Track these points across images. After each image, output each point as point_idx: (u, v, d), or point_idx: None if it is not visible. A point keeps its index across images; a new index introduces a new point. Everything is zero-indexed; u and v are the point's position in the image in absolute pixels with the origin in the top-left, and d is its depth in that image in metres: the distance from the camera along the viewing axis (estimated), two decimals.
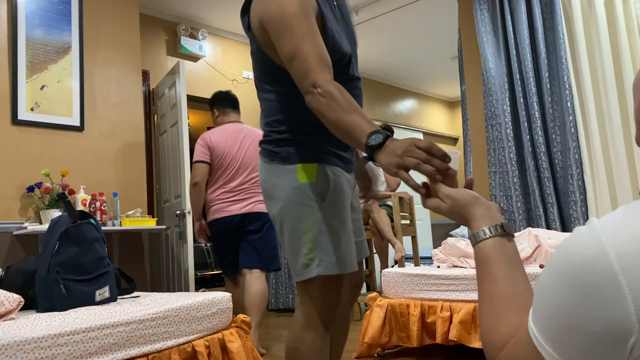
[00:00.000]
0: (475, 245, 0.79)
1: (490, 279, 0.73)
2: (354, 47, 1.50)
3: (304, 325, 1.39)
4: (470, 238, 0.82)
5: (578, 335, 0.49)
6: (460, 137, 8.14)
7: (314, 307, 1.39)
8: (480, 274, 0.76)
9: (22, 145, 3.45)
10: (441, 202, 0.89)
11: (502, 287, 0.71)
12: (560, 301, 0.50)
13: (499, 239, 0.77)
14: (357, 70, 1.49)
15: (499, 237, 0.77)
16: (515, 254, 0.77)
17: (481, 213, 0.82)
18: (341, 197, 1.41)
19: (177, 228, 4.29)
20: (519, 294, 0.69)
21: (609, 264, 0.47)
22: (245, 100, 5.62)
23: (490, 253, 0.76)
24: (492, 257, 0.75)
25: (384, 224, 4.28)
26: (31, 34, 3.54)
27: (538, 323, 0.54)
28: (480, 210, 0.83)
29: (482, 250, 0.77)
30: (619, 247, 0.48)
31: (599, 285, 0.47)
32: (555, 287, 0.51)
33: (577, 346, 0.49)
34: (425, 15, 5.31)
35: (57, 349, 1.52)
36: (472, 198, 0.86)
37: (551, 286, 0.52)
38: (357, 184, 1.62)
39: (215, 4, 4.90)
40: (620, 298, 0.46)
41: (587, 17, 3.65)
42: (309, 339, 1.38)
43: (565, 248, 0.52)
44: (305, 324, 1.39)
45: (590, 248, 0.49)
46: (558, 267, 0.52)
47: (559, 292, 0.51)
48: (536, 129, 3.75)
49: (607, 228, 0.50)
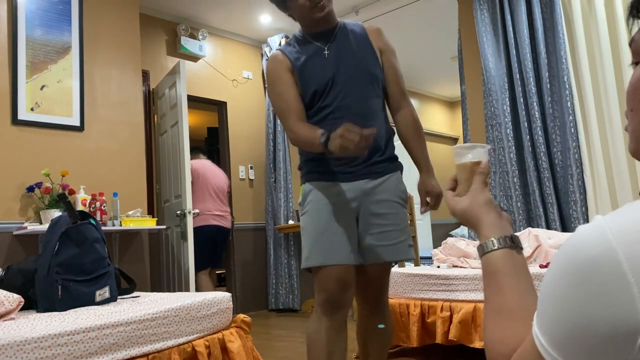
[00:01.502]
0: (484, 256, 0.78)
1: (498, 291, 0.72)
2: (351, 71, 1.81)
3: (313, 311, 1.82)
4: (478, 248, 0.80)
5: (584, 337, 0.48)
6: (460, 137, 8.13)
7: (315, 294, 1.77)
8: (488, 285, 0.75)
9: (22, 145, 3.45)
10: (456, 204, 0.88)
11: (511, 300, 0.70)
12: (565, 302, 0.49)
13: (508, 251, 0.75)
14: (344, 95, 1.79)
15: (508, 249, 0.76)
16: (524, 267, 0.75)
17: (490, 222, 0.80)
18: (317, 205, 1.78)
19: (177, 228, 4.29)
20: (527, 308, 0.67)
21: (617, 263, 0.46)
22: (245, 100, 5.62)
23: (499, 265, 0.74)
24: (501, 269, 0.74)
25: None
26: (31, 34, 3.54)
27: (542, 327, 0.53)
28: (490, 218, 0.81)
29: (491, 262, 0.76)
30: (627, 245, 0.46)
31: (607, 284, 0.46)
32: (561, 287, 0.50)
33: (583, 348, 0.48)
34: (425, 15, 5.31)
35: (57, 349, 1.52)
36: (485, 205, 0.83)
37: (556, 287, 0.51)
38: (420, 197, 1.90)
39: (215, 4, 4.90)
40: (629, 297, 0.45)
41: (587, 17, 3.65)
42: (311, 320, 1.80)
43: (570, 247, 0.51)
44: (313, 310, 1.81)
45: (597, 247, 0.48)
46: (563, 267, 0.51)
47: (565, 292, 0.50)
48: (536, 129, 3.75)
49: (614, 226, 0.48)
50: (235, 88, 5.55)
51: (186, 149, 4.15)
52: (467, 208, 0.85)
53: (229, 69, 5.49)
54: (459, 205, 0.87)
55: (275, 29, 5.51)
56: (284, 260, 5.31)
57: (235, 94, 5.54)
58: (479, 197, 0.85)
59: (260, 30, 5.52)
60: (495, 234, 0.78)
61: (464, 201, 0.86)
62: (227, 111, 5.45)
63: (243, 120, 5.55)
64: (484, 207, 0.83)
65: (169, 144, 4.49)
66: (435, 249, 3.45)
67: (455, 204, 0.88)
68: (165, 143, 4.62)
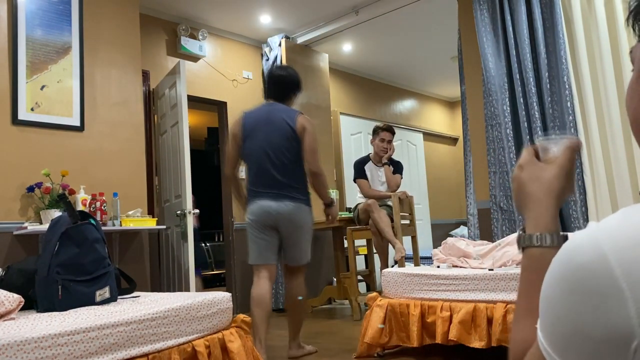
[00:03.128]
0: (530, 249, 0.70)
1: (537, 291, 0.63)
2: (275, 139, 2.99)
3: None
4: (523, 237, 0.71)
5: (580, 341, 0.48)
6: (460, 137, 8.14)
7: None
8: (528, 282, 0.69)
9: (22, 145, 3.45)
10: (539, 170, 0.74)
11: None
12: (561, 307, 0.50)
13: (556, 250, 0.69)
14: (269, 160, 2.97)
15: (557, 249, 0.68)
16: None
17: (552, 213, 0.71)
18: (249, 219, 3.01)
19: (177, 228, 4.30)
20: None
21: (609, 269, 0.47)
22: (245, 100, 5.62)
23: (548, 264, 0.66)
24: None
25: (385, 224, 4.27)
26: (31, 34, 3.54)
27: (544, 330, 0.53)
28: (554, 209, 0.71)
29: (538, 259, 0.69)
30: (619, 251, 0.47)
31: (599, 290, 0.47)
32: (557, 293, 0.51)
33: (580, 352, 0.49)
34: (425, 15, 5.31)
35: (57, 349, 1.53)
36: (559, 190, 0.71)
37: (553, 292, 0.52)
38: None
39: (215, 4, 4.90)
40: (622, 303, 0.46)
41: (587, 17, 3.65)
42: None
43: (564, 254, 0.52)
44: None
45: (589, 253, 0.49)
46: (558, 273, 0.52)
47: (560, 298, 0.50)
48: (536, 129, 3.75)
49: (605, 233, 0.49)
50: (235, 88, 5.55)
51: (186, 149, 4.15)
52: (544, 181, 0.72)
53: (229, 69, 5.50)
54: (545, 172, 0.73)
55: (275, 29, 5.51)
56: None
57: (236, 94, 5.54)
58: (561, 179, 0.72)
59: (260, 30, 5.52)
60: (551, 228, 0.70)
61: (546, 170, 0.73)
62: (227, 111, 5.45)
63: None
64: (557, 193, 0.72)
65: (169, 144, 4.50)
66: (435, 249, 3.45)
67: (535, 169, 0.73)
68: (165, 143, 4.62)
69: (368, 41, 5.98)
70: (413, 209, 4.68)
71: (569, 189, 0.73)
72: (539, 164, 0.74)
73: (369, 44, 6.07)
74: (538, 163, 0.74)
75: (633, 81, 0.63)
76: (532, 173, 0.73)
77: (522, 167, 0.75)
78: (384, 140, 4.62)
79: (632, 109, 0.63)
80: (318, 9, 5.13)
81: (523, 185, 0.73)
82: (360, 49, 6.20)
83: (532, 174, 0.73)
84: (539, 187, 0.72)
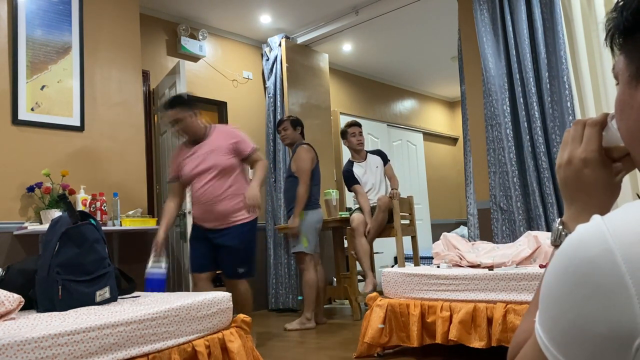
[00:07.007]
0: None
1: None
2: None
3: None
4: (560, 231, 0.67)
5: (582, 337, 0.48)
6: (460, 137, 8.14)
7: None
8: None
9: (22, 145, 3.45)
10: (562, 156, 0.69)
11: None
12: (564, 301, 0.49)
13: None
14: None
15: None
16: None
17: (604, 207, 0.66)
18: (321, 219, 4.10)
19: (177, 228, 4.29)
20: None
21: (615, 265, 0.46)
22: (246, 100, 5.63)
23: None
24: None
25: (363, 252, 4.35)
26: (31, 34, 3.54)
27: (543, 324, 0.53)
28: (609, 204, 0.66)
29: None
30: (626, 247, 0.46)
31: (604, 286, 0.46)
32: (559, 287, 0.50)
33: (581, 347, 0.48)
34: (425, 15, 5.31)
35: (57, 349, 1.53)
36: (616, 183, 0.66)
37: (555, 286, 0.51)
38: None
39: (215, 4, 4.90)
40: (626, 300, 0.45)
41: (587, 17, 3.65)
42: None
43: (569, 247, 0.50)
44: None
45: (595, 248, 0.48)
46: (562, 267, 0.51)
47: (563, 292, 0.50)
48: (536, 129, 3.75)
49: (612, 227, 0.48)
50: (236, 88, 5.55)
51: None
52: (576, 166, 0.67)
53: (229, 69, 5.50)
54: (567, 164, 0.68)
55: (275, 29, 5.51)
56: (283, 260, 5.32)
57: (236, 94, 5.54)
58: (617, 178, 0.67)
59: (260, 30, 5.52)
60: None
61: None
62: (227, 111, 5.44)
63: (243, 121, 5.55)
64: (613, 186, 0.68)
65: (169, 144, 4.50)
66: (435, 243, 3.43)
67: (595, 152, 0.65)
68: (165, 143, 4.62)
69: (368, 41, 5.98)
70: (413, 209, 4.68)
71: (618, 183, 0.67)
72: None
73: (369, 44, 6.07)
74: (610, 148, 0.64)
75: (620, 94, 0.63)
76: (598, 157, 0.64)
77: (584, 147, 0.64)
78: (355, 134, 4.66)
79: (625, 121, 0.62)
80: (318, 9, 5.13)
81: (580, 170, 0.66)
82: (360, 49, 6.20)
83: (598, 158, 0.64)
84: (602, 176, 0.65)
